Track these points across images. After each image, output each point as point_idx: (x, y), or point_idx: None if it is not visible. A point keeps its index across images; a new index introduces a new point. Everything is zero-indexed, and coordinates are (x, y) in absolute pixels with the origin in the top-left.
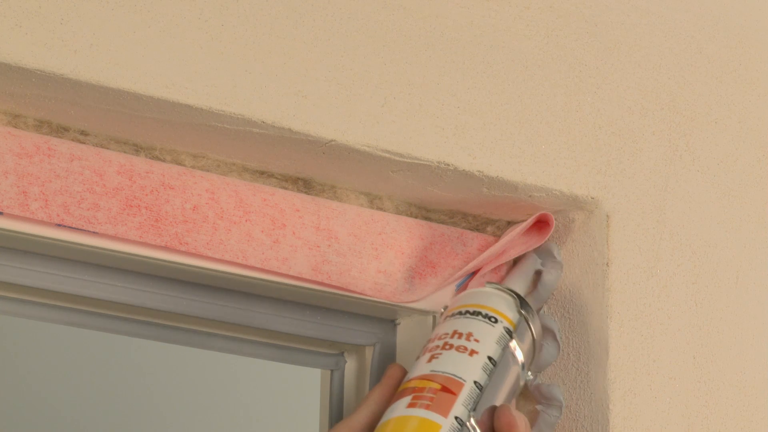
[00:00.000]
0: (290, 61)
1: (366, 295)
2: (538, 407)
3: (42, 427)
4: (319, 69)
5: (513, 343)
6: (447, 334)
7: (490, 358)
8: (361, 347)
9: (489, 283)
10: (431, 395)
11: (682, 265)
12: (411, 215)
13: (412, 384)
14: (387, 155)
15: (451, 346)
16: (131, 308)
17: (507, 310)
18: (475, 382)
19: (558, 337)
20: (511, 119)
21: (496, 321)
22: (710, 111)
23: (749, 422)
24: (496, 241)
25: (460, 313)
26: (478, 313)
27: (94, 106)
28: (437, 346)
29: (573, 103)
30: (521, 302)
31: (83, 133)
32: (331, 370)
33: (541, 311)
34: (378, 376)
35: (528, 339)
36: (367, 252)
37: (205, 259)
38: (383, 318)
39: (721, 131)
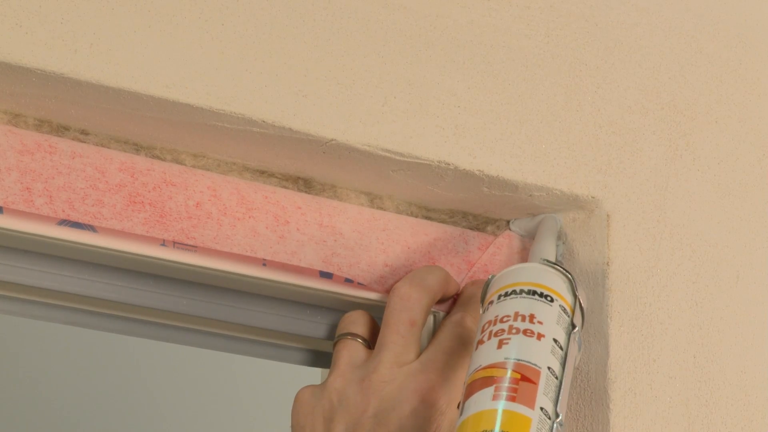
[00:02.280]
0: (290, 61)
1: (372, 289)
2: None
3: (42, 427)
4: (320, 68)
5: (570, 322)
6: (509, 316)
7: (555, 341)
8: None
9: (542, 259)
10: (513, 385)
11: (683, 265)
12: (411, 215)
13: (487, 373)
14: (387, 155)
15: (518, 330)
16: (132, 308)
17: (560, 289)
18: (549, 368)
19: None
20: (512, 118)
21: (552, 300)
22: (711, 110)
23: (750, 422)
24: (495, 240)
25: (515, 292)
26: (534, 292)
27: (95, 105)
28: (502, 330)
29: (573, 102)
30: (573, 283)
31: (83, 132)
32: None
33: None
34: None
35: (580, 321)
36: (374, 246)
37: (214, 254)
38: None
39: (721, 130)
